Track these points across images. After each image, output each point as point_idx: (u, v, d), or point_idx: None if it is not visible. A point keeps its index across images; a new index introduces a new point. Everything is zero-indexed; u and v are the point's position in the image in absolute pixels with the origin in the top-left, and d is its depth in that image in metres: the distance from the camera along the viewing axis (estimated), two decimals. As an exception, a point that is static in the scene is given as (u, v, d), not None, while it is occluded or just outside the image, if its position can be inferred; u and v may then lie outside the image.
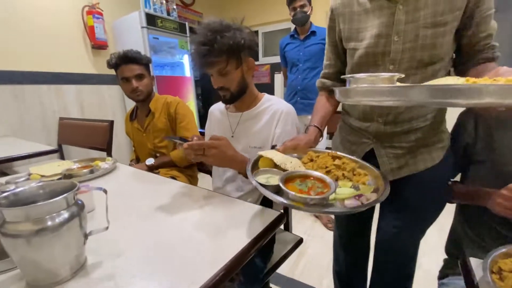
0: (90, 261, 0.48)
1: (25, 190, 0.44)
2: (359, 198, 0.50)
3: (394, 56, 0.65)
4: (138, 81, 1.20)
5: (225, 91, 0.83)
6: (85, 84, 2.40)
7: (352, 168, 0.62)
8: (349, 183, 0.57)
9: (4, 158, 1.33)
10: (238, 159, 0.73)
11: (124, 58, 1.17)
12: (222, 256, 0.48)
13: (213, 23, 0.76)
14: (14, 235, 0.39)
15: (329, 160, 0.64)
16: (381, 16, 0.65)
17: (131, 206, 0.72)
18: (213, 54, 0.75)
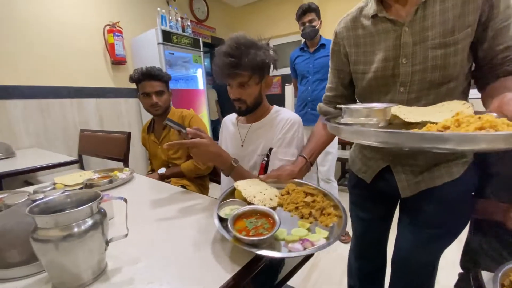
0: (110, 267, 0.51)
1: (54, 199, 0.48)
2: (303, 243, 0.50)
3: (404, 78, 0.64)
4: (158, 97, 1.27)
5: (241, 103, 0.86)
6: (104, 97, 2.52)
7: (322, 207, 0.62)
8: (308, 224, 0.57)
9: (29, 168, 1.41)
10: (222, 156, 0.77)
11: (147, 75, 1.24)
12: (234, 264, 0.50)
13: (242, 38, 0.80)
14: (44, 240, 0.42)
15: (301, 196, 0.65)
16: (387, 39, 0.64)
17: (147, 214, 0.75)
18: (240, 67, 0.78)
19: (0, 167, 1.42)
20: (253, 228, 0.53)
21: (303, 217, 0.60)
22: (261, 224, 0.54)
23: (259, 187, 0.68)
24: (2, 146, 1.69)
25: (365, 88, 0.73)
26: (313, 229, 0.55)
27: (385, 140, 0.41)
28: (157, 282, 0.47)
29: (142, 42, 2.57)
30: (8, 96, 1.94)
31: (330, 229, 0.55)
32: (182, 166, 1.26)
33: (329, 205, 0.62)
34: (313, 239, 0.51)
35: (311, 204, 0.62)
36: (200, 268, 0.50)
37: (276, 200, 0.66)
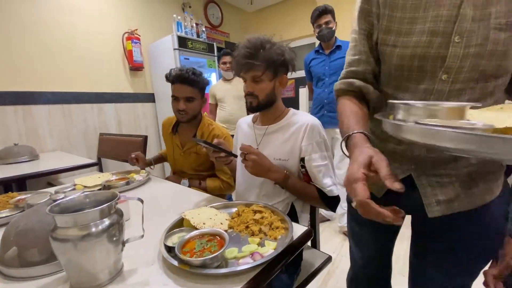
0: (126, 268, 0.51)
1: (74, 199, 0.49)
2: (253, 256, 0.52)
3: (451, 62, 0.49)
4: (186, 103, 1.17)
5: (253, 97, 0.87)
6: (123, 102, 2.60)
7: (270, 222, 0.63)
8: (258, 240, 0.59)
9: (51, 170, 1.47)
10: (274, 169, 0.81)
11: (179, 77, 1.16)
12: (250, 269, 0.48)
13: (262, 37, 0.84)
14: (63, 239, 0.43)
15: (250, 215, 0.67)
16: (441, 6, 0.48)
17: (162, 216, 0.75)
18: (255, 58, 0.81)
19: (25, 169, 1.49)
20: (200, 251, 0.52)
21: (253, 234, 0.61)
22: (209, 246, 0.54)
23: (208, 214, 0.68)
24: (26, 149, 1.77)
25: (390, 70, 0.57)
26: (263, 243, 0.58)
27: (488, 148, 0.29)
28: (171, 284, 0.46)
29: (158, 48, 2.63)
30: (34, 101, 2.04)
31: (279, 241, 0.58)
32: (208, 185, 1.21)
33: (276, 219, 0.65)
34: (262, 251, 0.54)
35: (260, 221, 0.64)
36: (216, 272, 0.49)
37: (226, 223, 0.66)
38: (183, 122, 1.25)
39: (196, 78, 1.17)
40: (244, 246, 0.56)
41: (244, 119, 1.04)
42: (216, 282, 0.46)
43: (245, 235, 0.62)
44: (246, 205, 0.74)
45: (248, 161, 0.79)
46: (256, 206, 0.71)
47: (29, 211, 0.58)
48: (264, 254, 0.52)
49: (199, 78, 1.19)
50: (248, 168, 0.80)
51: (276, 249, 0.54)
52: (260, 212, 0.68)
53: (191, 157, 1.26)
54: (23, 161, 1.68)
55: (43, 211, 0.57)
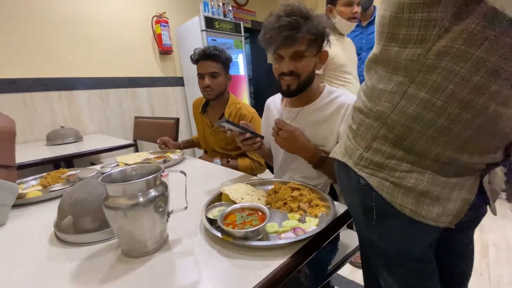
0: (171, 237, 0.53)
1: (122, 171, 0.51)
2: (295, 231, 0.51)
3: None
4: (211, 79, 1.17)
5: (293, 78, 0.75)
6: (154, 86, 2.68)
7: (309, 199, 0.62)
8: (298, 216, 0.57)
9: (95, 150, 1.58)
10: (310, 148, 0.75)
11: (203, 54, 1.17)
12: (293, 244, 0.47)
13: (298, 6, 0.71)
14: (115, 207, 0.45)
15: (288, 192, 0.65)
16: None
17: (200, 192, 0.76)
18: (298, 30, 0.68)
19: (71, 149, 1.62)
20: (241, 223, 0.52)
21: (292, 211, 0.60)
22: (250, 220, 0.53)
23: (245, 190, 0.67)
24: (72, 132, 1.91)
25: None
26: (303, 220, 0.56)
27: None
28: (215, 254, 0.47)
29: (186, 30, 2.63)
30: (75, 87, 2.17)
31: (320, 218, 0.56)
32: (239, 163, 1.21)
33: (316, 197, 0.64)
34: (304, 227, 0.52)
35: (299, 198, 0.63)
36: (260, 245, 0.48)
37: (264, 199, 0.66)
38: (210, 100, 1.25)
39: (218, 53, 1.17)
40: (284, 221, 0.55)
41: (273, 99, 0.98)
42: (259, 255, 0.46)
43: (283, 211, 0.60)
44: (282, 182, 0.73)
45: (279, 136, 0.75)
46: (294, 183, 0.69)
47: (80, 183, 0.62)
48: (307, 230, 0.51)
49: (221, 53, 1.19)
50: (278, 143, 0.77)
51: (318, 225, 0.52)
52: (298, 190, 0.66)
53: (220, 135, 1.27)
54: (69, 142, 1.82)
55: (93, 183, 0.60)
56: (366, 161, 0.50)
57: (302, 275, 0.66)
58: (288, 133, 0.74)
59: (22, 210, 0.74)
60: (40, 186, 0.89)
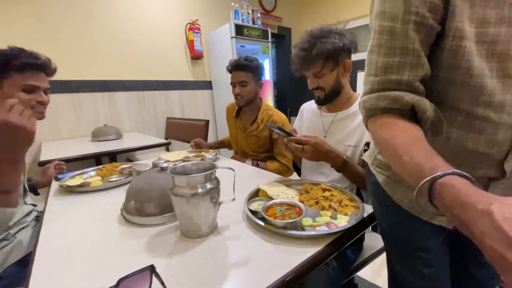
0: (220, 224, 0.62)
1: (184, 166, 0.61)
2: (328, 225, 0.58)
3: None
4: (240, 87, 1.28)
5: (320, 91, 0.89)
6: (185, 89, 2.85)
7: (340, 199, 0.69)
8: (330, 213, 0.64)
9: (137, 147, 1.75)
10: (333, 154, 0.80)
11: (235, 65, 1.28)
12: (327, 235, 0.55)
13: (314, 30, 0.84)
14: (179, 195, 0.55)
15: (319, 192, 0.72)
16: None
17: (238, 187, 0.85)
18: (310, 59, 0.83)
19: (113, 145, 1.78)
20: (281, 216, 0.60)
21: (323, 209, 0.66)
22: (288, 213, 0.61)
23: (280, 188, 0.76)
24: (113, 129, 2.10)
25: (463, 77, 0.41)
26: (335, 217, 0.63)
27: None
28: (259, 239, 0.55)
29: (217, 37, 2.77)
30: (115, 89, 2.38)
31: (350, 216, 0.63)
32: (268, 166, 1.30)
33: (345, 198, 0.70)
34: (336, 223, 0.60)
35: (330, 198, 0.70)
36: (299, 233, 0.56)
37: (297, 198, 0.72)
38: (241, 106, 1.36)
39: (247, 63, 1.27)
40: (318, 217, 0.62)
41: (309, 105, 1.08)
42: (297, 243, 0.53)
43: (315, 209, 0.68)
44: (313, 183, 0.80)
45: (305, 152, 0.80)
46: (325, 185, 0.76)
47: (142, 175, 0.73)
48: (339, 225, 0.58)
49: (251, 63, 1.27)
50: (306, 156, 0.82)
51: (349, 222, 0.59)
52: (329, 191, 0.73)
53: (252, 139, 1.36)
54: (111, 139, 2.01)
55: (153, 175, 0.71)
56: (378, 161, 0.60)
57: (331, 268, 0.72)
58: (312, 146, 0.79)
59: (88, 196, 0.87)
60: (98, 176, 1.03)
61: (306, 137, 0.81)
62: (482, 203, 0.25)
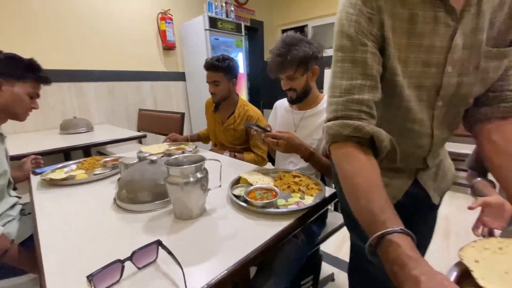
0: (208, 207, 0.72)
1: (177, 158, 0.70)
2: (297, 204, 0.72)
3: (445, 91, 0.52)
4: (214, 86, 1.38)
5: (292, 92, 1.02)
6: (157, 80, 2.81)
7: (307, 184, 0.82)
8: (299, 195, 0.77)
9: (111, 140, 1.74)
10: (302, 147, 0.94)
11: (207, 65, 1.37)
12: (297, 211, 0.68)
13: (287, 37, 0.96)
14: (174, 183, 0.64)
15: (290, 178, 0.86)
16: (434, 35, 0.47)
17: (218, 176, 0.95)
18: (284, 64, 0.96)
19: (87, 138, 1.75)
20: (260, 198, 0.73)
21: (294, 191, 0.80)
22: (266, 196, 0.74)
23: (258, 176, 0.89)
24: (84, 122, 2.04)
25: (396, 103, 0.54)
26: (303, 197, 0.77)
27: None
28: (243, 218, 0.67)
29: (190, 29, 2.76)
30: (84, 79, 2.29)
31: (315, 197, 0.76)
32: (245, 157, 1.41)
33: (311, 183, 0.84)
34: (304, 202, 0.73)
35: (299, 183, 0.83)
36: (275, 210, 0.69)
37: (272, 183, 0.86)
38: (215, 102, 1.47)
39: (219, 63, 1.34)
40: (289, 198, 0.75)
41: (281, 102, 1.20)
42: (273, 218, 0.66)
43: (287, 192, 0.81)
44: (285, 171, 0.93)
45: (279, 146, 0.92)
46: (295, 172, 0.90)
47: (133, 168, 0.80)
48: (306, 203, 0.72)
49: (222, 63, 1.34)
50: (280, 149, 0.94)
51: (313, 201, 0.73)
52: (299, 177, 0.86)
53: (229, 132, 1.47)
54: (82, 132, 1.95)
55: (143, 167, 0.79)
56: None
57: (300, 240, 0.87)
58: (285, 141, 0.91)
59: (74, 189, 0.91)
60: (80, 170, 1.06)
61: (280, 132, 0.93)
62: (416, 271, 0.29)
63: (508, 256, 0.37)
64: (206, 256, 0.53)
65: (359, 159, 0.46)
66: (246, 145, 1.48)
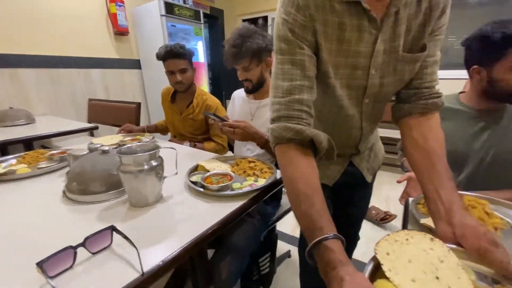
0: (165, 195, 0.74)
1: (130, 147, 0.70)
2: (251, 186, 0.77)
3: (370, 91, 0.59)
4: (181, 74, 1.35)
5: (248, 82, 1.07)
6: (109, 68, 2.62)
7: (261, 168, 0.89)
8: (253, 178, 0.83)
9: (57, 133, 1.60)
10: (257, 135, 0.99)
11: (171, 53, 1.32)
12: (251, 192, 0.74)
13: (242, 29, 0.99)
14: (127, 172, 0.64)
15: (246, 164, 0.91)
16: (360, 41, 0.52)
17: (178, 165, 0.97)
18: (240, 55, 0.99)
19: (28, 131, 1.59)
20: (216, 183, 0.78)
21: (249, 175, 0.86)
22: (222, 180, 0.79)
23: (215, 163, 0.93)
24: (23, 113, 1.83)
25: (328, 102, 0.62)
26: (257, 180, 0.82)
27: None
28: (200, 202, 0.71)
29: (144, 13, 2.61)
30: (21, 65, 2.03)
31: (268, 179, 0.81)
32: (206, 146, 1.41)
33: (265, 167, 0.90)
34: (257, 184, 0.79)
35: (254, 167, 0.89)
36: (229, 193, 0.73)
37: (230, 170, 0.90)
38: (182, 92, 1.43)
39: (184, 51, 1.35)
40: (244, 182, 0.81)
41: (239, 93, 1.24)
42: (229, 200, 0.71)
43: (244, 176, 0.86)
44: (242, 158, 0.98)
45: (236, 134, 0.96)
46: (251, 158, 0.95)
47: (84, 159, 0.78)
48: (259, 185, 0.78)
49: (186, 50, 1.37)
50: (237, 138, 0.99)
51: (266, 182, 0.79)
52: (254, 162, 0.92)
53: (188, 122, 1.46)
54: (21, 124, 1.76)
55: (95, 158, 0.77)
56: None
57: (255, 220, 0.94)
58: (242, 129, 0.94)
59: (15, 184, 0.85)
60: (22, 164, 0.98)
61: (237, 121, 0.97)
62: (342, 272, 0.35)
63: (412, 246, 0.42)
64: (162, 237, 0.56)
65: (301, 165, 0.50)
66: (207, 135, 1.50)
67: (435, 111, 0.58)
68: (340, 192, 0.84)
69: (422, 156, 0.55)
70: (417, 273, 0.37)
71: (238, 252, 0.84)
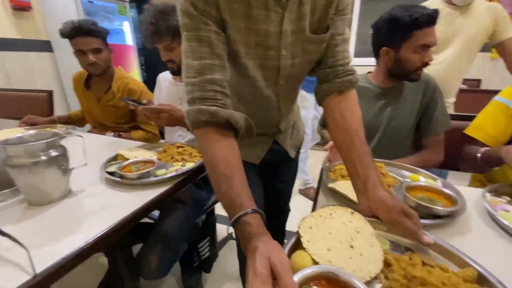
0: (74, 188, 0.66)
1: (21, 137, 0.59)
2: (177, 171, 0.74)
3: (284, 72, 0.60)
4: (95, 55, 1.17)
5: (172, 63, 0.98)
6: (9, 50, 2.17)
7: (190, 152, 0.87)
8: (181, 163, 0.80)
9: None
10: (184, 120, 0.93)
11: (79, 30, 1.12)
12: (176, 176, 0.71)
13: (161, 5, 0.89)
14: (17, 166, 0.55)
15: (174, 150, 0.87)
16: (268, 21, 0.52)
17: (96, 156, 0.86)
18: (159, 33, 0.89)
19: None
20: (136, 170, 0.72)
21: (177, 161, 0.82)
22: (143, 168, 0.73)
23: (138, 152, 0.87)
24: None
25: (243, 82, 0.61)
26: (184, 165, 0.80)
27: None
28: (117, 193, 0.65)
29: (50, -15, 2.20)
30: None
31: (197, 163, 0.80)
32: (133, 136, 1.28)
33: (195, 151, 0.87)
34: (185, 168, 0.76)
35: (182, 152, 0.86)
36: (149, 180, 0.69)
37: (155, 157, 0.85)
38: (98, 76, 1.25)
39: (97, 28, 1.17)
40: (170, 167, 0.77)
41: (164, 75, 1.15)
42: (152, 187, 0.67)
43: (171, 162, 0.82)
44: (171, 144, 0.93)
45: (162, 119, 0.88)
46: (179, 143, 0.91)
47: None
48: (185, 169, 0.75)
49: (99, 27, 1.18)
50: (162, 123, 0.90)
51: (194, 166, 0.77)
52: (182, 147, 0.88)
53: (109, 110, 1.30)
54: None
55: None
56: None
57: (188, 206, 0.92)
58: (167, 113, 0.87)
59: None
60: None
61: (161, 105, 0.90)
62: (257, 241, 0.36)
63: (334, 220, 0.45)
64: (63, 234, 0.50)
65: (220, 146, 0.49)
66: (134, 123, 1.37)
67: (351, 88, 0.60)
68: (267, 169, 0.87)
69: (341, 134, 0.58)
70: (334, 243, 0.40)
71: (169, 240, 0.81)
